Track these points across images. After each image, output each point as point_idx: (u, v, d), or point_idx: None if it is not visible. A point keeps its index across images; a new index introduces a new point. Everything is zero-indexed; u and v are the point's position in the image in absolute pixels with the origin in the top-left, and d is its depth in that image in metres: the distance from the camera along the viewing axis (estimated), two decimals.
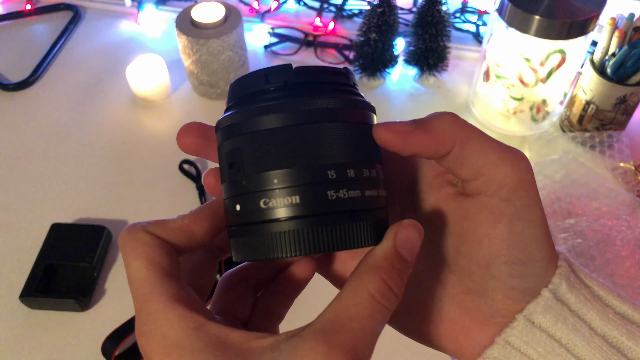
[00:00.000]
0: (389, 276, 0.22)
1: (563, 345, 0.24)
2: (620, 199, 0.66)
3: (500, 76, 0.76)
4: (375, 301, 0.21)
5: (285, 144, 0.22)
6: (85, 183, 0.76)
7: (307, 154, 0.22)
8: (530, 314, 0.24)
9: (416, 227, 0.23)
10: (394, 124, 0.23)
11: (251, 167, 0.22)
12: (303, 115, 0.22)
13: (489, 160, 0.23)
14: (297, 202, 0.22)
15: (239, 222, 0.23)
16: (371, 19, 0.81)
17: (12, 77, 0.90)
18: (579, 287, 0.24)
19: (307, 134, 0.22)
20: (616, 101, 0.71)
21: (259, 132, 0.22)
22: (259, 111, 0.23)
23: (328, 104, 0.22)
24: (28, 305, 0.63)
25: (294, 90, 0.23)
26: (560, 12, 0.66)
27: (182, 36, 0.78)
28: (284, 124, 0.22)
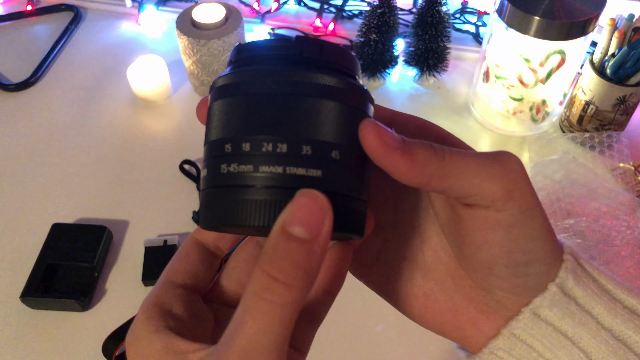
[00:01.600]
0: (272, 263, 0.18)
1: (569, 339, 0.24)
2: (619, 199, 0.66)
3: (500, 77, 0.76)
4: (259, 299, 0.18)
5: (272, 111, 0.21)
6: (86, 183, 0.76)
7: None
8: (536, 307, 0.24)
9: (310, 196, 0.18)
10: (385, 130, 0.21)
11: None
12: (296, 86, 0.21)
13: (475, 183, 0.22)
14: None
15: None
16: (371, 20, 0.82)
17: (12, 77, 0.91)
18: (586, 281, 0.24)
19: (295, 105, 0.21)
20: (616, 102, 0.71)
21: (250, 95, 0.21)
22: (250, 75, 0.21)
23: (326, 81, 0.21)
24: (29, 305, 0.63)
25: (291, 60, 0.22)
26: (559, 12, 0.67)
27: (183, 37, 0.78)
28: (270, 92, 0.21)
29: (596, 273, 0.25)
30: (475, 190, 0.22)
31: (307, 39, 0.22)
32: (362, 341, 0.60)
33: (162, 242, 0.67)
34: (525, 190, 0.22)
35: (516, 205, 0.22)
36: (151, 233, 0.70)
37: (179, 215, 0.71)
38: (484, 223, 0.23)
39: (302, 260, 0.18)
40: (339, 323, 0.61)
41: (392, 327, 0.61)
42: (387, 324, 0.61)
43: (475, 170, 0.22)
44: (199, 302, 0.25)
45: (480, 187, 0.22)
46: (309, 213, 0.18)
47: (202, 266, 0.26)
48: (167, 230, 0.70)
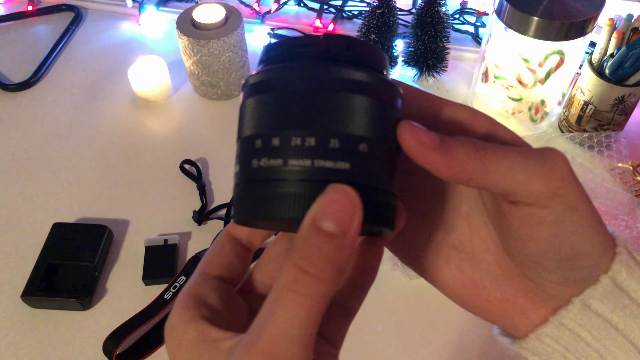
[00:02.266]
0: (302, 256, 0.18)
1: (619, 331, 0.24)
2: (618, 199, 0.66)
3: (499, 77, 0.76)
4: (288, 290, 0.19)
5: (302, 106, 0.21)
6: (86, 183, 0.76)
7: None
8: (587, 298, 0.24)
9: (341, 191, 0.19)
10: (421, 131, 0.21)
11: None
12: (326, 82, 0.21)
13: (518, 181, 0.22)
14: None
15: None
16: (371, 20, 0.82)
17: (13, 77, 0.91)
18: (639, 275, 0.24)
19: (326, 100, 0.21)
20: (614, 102, 0.71)
21: (284, 91, 0.21)
22: (278, 72, 0.22)
23: (353, 75, 0.21)
24: (29, 305, 0.63)
25: (321, 58, 0.22)
26: (558, 13, 0.67)
27: (183, 37, 0.79)
28: (298, 88, 0.21)
29: None
30: (519, 188, 0.22)
31: (335, 36, 0.22)
32: (363, 341, 0.60)
33: (162, 242, 0.67)
34: (571, 187, 0.22)
35: (561, 202, 0.22)
36: (152, 232, 0.70)
37: (179, 214, 0.71)
38: (529, 219, 0.23)
39: (331, 254, 0.18)
40: None
41: (393, 327, 0.61)
42: (387, 323, 0.61)
43: (518, 168, 0.22)
44: (233, 294, 0.26)
45: (524, 185, 0.22)
46: (340, 208, 0.18)
47: (235, 259, 0.26)
48: (168, 229, 0.70)
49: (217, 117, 0.85)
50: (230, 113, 0.85)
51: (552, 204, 0.22)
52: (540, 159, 0.22)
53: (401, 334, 0.61)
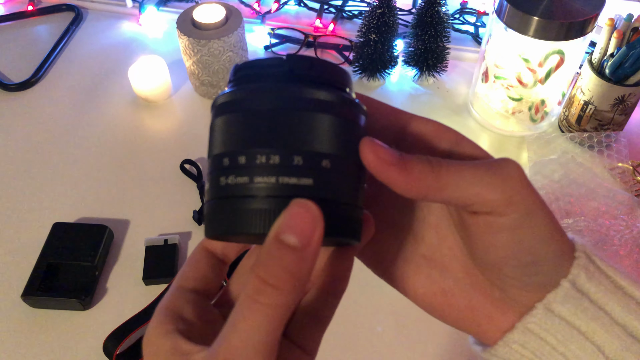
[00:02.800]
0: (264, 268, 0.19)
1: (582, 333, 0.24)
2: (618, 199, 0.66)
3: (499, 77, 0.76)
4: (250, 301, 0.19)
5: (268, 125, 0.22)
6: (86, 183, 0.76)
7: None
8: (549, 303, 0.25)
9: (303, 206, 0.19)
10: (381, 147, 0.22)
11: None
12: (292, 101, 0.22)
13: (473, 193, 0.23)
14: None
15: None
16: (371, 20, 0.82)
17: (14, 77, 0.91)
18: (599, 278, 0.25)
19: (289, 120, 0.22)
20: (614, 101, 0.71)
21: (247, 111, 0.22)
22: (243, 93, 0.23)
23: (315, 94, 0.22)
24: (30, 304, 0.63)
25: (285, 78, 0.23)
26: (558, 13, 0.67)
27: (183, 37, 0.79)
28: (262, 107, 0.22)
29: (610, 270, 0.25)
30: (474, 199, 0.23)
31: (298, 57, 0.23)
32: (363, 341, 0.60)
33: (162, 242, 0.67)
34: (526, 194, 0.23)
35: (517, 209, 0.23)
36: (152, 232, 0.70)
37: (179, 214, 0.71)
38: (488, 227, 0.24)
39: (292, 266, 0.19)
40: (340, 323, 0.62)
41: (393, 327, 0.61)
42: (388, 324, 0.61)
43: (472, 181, 0.22)
44: (208, 306, 0.26)
45: (479, 196, 0.23)
46: (301, 222, 0.19)
47: (211, 272, 0.27)
48: (168, 229, 0.70)
49: None
50: None
51: (508, 212, 0.23)
52: (494, 170, 0.23)
53: (401, 334, 0.61)
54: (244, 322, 0.19)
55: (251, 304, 0.19)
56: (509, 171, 0.23)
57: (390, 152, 0.22)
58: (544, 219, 0.24)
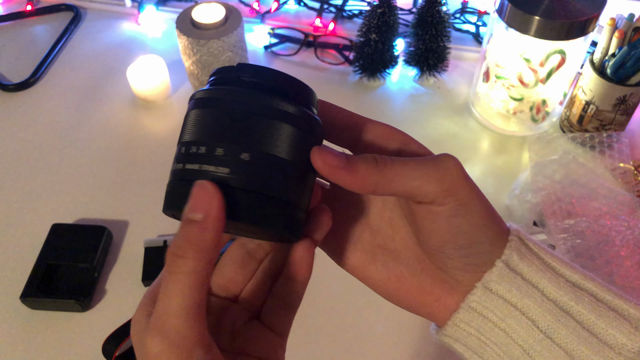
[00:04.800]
0: (174, 244, 0.23)
1: (518, 309, 0.27)
2: (619, 199, 0.66)
3: (500, 77, 0.76)
4: (166, 274, 0.23)
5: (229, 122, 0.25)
6: (85, 183, 0.76)
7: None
8: (486, 282, 0.27)
9: (200, 186, 0.24)
10: (328, 154, 0.26)
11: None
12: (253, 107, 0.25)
13: (415, 186, 0.26)
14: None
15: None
16: (371, 20, 0.81)
17: (12, 77, 0.91)
18: (530, 258, 0.28)
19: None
20: (616, 101, 0.71)
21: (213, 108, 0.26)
22: (197, 95, 0.26)
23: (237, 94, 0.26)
24: (29, 306, 0.63)
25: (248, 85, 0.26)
26: (560, 12, 0.67)
27: (183, 37, 0.78)
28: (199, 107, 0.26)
29: (543, 253, 0.28)
30: (417, 191, 0.26)
31: (265, 69, 0.27)
32: (363, 341, 0.60)
33: (162, 243, 0.67)
34: (462, 186, 0.26)
35: (453, 199, 0.26)
36: (151, 233, 0.70)
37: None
38: (430, 215, 0.27)
39: (194, 236, 0.23)
40: (340, 323, 0.61)
41: (393, 327, 0.61)
42: (388, 324, 0.61)
43: (414, 175, 0.26)
44: None
45: (421, 188, 0.26)
46: (200, 199, 0.23)
47: None
48: (167, 230, 0.70)
49: None
50: None
51: (446, 201, 0.26)
52: (433, 165, 0.26)
53: (401, 334, 0.61)
54: (164, 292, 0.23)
55: (167, 276, 0.23)
56: (447, 166, 0.26)
57: (337, 156, 0.26)
58: (479, 207, 0.27)
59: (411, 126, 0.82)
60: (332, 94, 0.87)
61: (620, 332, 0.26)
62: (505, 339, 0.27)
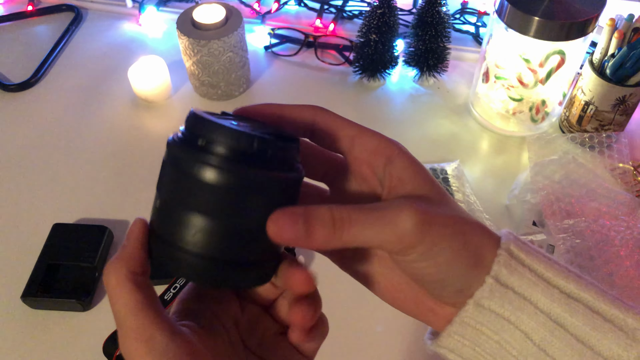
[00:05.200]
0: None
1: (511, 323, 0.27)
2: (619, 199, 0.66)
3: (499, 77, 0.76)
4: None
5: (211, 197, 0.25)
6: (86, 183, 0.76)
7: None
8: (478, 299, 0.27)
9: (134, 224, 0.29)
10: (284, 226, 0.25)
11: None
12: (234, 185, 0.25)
13: (375, 244, 0.26)
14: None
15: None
16: (371, 20, 0.82)
17: (13, 78, 0.91)
18: (521, 271, 0.27)
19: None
20: (615, 102, 0.71)
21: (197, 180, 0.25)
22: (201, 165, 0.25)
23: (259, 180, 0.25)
24: (30, 305, 0.63)
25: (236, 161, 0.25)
26: (559, 13, 0.67)
27: (183, 37, 0.78)
28: (216, 184, 0.25)
29: (536, 263, 0.28)
30: (379, 247, 0.26)
31: (245, 136, 0.25)
32: (363, 341, 0.60)
33: (127, 231, 0.67)
34: (421, 239, 0.26)
35: (415, 251, 0.26)
36: None
37: None
38: (399, 263, 0.27)
39: (115, 255, 0.28)
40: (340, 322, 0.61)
41: (393, 327, 0.61)
42: (388, 323, 0.61)
43: (373, 235, 0.26)
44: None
45: (382, 246, 0.26)
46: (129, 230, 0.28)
47: None
48: None
49: None
50: None
51: (408, 253, 0.26)
52: (391, 223, 0.26)
53: (401, 334, 0.61)
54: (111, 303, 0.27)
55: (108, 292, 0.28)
56: (403, 221, 0.26)
57: (292, 227, 0.25)
58: (447, 249, 0.26)
59: (411, 126, 0.82)
60: (333, 94, 0.87)
61: (616, 344, 0.26)
62: (500, 350, 0.28)
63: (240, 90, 0.87)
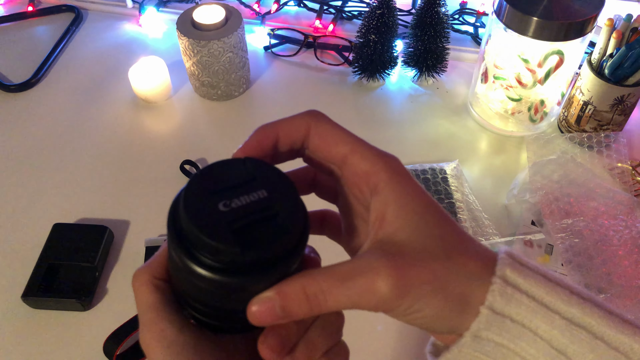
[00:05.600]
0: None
1: (512, 350, 0.27)
2: (617, 199, 0.66)
3: (498, 77, 0.76)
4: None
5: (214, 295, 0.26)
6: (87, 183, 0.76)
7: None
8: (475, 331, 0.27)
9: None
10: (262, 313, 0.26)
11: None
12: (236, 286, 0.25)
13: (358, 307, 0.27)
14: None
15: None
16: (370, 21, 0.82)
17: (14, 78, 0.91)
18: (519, 298, 0.26)
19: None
20: (614, 102, 0.72)
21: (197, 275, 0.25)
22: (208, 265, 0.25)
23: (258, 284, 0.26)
24: (30, 305, 0.63)
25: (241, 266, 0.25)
26: (558, 13, 0.67)
27: (183, 38, 0.79)
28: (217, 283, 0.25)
29: (534, 287, 0.26)
30: (359, 307, 0.26)
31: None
32: (363, 341, 0.61)
33: (163, 242, 0.67)
34: (399, 303, 0.26)
35: (399, 310, 0.26)
36: (152, 233, 0.70)
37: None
38: (388, 313, 0.27)
39: (146, 263, 0.31)
40: None
41: (393, 326, 0.61)
42: (388, 323, 0.62)
43: (350, 304, 0.26)
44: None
45: (362, 308, 0.26)
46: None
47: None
48: None
49: (217, 117, 0.85)
50: (231, 114, 0.85)
51: (390, 312, 0.26)
52: (367, 287, 0.25)
53: (401, 334, 0.61)
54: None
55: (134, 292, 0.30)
56: (379, 287, 0.25)
57: (270, 312, 0.26)
58: (428, 306, 0.26)
59: (410, 127, 0.82)
60: (332, 94, 0.88)
61: None
62: None
63: (240, 91, 0.87)
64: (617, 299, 0.60)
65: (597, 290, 0.61)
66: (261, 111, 0.86)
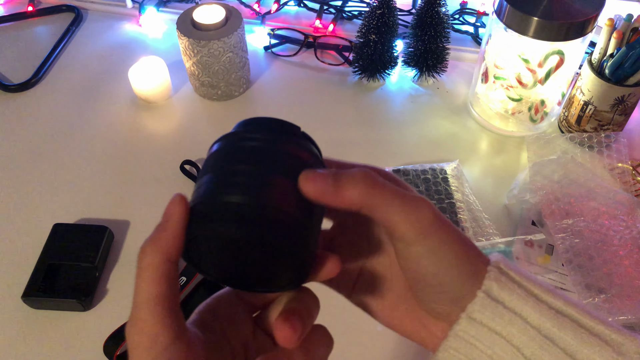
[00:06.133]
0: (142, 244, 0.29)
1: (503, 337, 0.28)
2: (618, 199, 0.66)
3: (498, 77, 0.76)
4: (136, 269, 0.28)
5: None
6: (87, 183, 0.76)
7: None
8: (470, 312, 0.28)
9: (172, 199, 0.29)
10: (316, 177, 0.27)
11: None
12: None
13: (394, 221, 0.27)
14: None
15: None
16: (371, 21, 0.82)
17: (14, 78, 0.91)
18: (511, 287, 0.28)
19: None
20: (614, 102, 0.71)
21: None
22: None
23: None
24: (30, 305, 0.63)
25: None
26: (558, 13, 0.67)
27: (183, 38, 0.79)
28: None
29: (525, 281, 0.29)
30: (393, 227, 0.27)
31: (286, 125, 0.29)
32: (363, 341, 0.60)
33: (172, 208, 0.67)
34: (431, 234, 0.27)
35: (422, 244, 0.27)
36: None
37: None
38: (403, 254, 0.28)
39: (154, 235, 0.27)
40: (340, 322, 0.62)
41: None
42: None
43: (394, 211, 0.27)
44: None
45: (396, 226, 0.27)
46: (168, 208, 0.28)
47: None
48: None
49: (217, 117, 0.85)
50: (231, 114, 0.85)
51: (416, 244, 0.27)
52: (411, 207, 0.27)
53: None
54: (134, 287, 0.26)
55: (136, 272, 0.27)
56: (422, 211, 0.27)
57: (324, 177, 0.27)
58: (448, 252, 0.28)
59: (410, 127, 0.82)
60: (332, 94, 0.88)
61: (603, 357, 0.27)
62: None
63: (240, 91, 0.87)
64: (618, 299, 0.60)
65: (598, 290, 0.61)
66: (261, 111, 0.86)
